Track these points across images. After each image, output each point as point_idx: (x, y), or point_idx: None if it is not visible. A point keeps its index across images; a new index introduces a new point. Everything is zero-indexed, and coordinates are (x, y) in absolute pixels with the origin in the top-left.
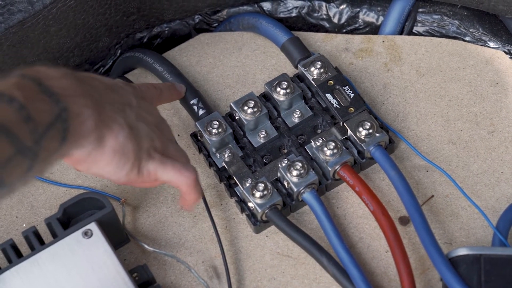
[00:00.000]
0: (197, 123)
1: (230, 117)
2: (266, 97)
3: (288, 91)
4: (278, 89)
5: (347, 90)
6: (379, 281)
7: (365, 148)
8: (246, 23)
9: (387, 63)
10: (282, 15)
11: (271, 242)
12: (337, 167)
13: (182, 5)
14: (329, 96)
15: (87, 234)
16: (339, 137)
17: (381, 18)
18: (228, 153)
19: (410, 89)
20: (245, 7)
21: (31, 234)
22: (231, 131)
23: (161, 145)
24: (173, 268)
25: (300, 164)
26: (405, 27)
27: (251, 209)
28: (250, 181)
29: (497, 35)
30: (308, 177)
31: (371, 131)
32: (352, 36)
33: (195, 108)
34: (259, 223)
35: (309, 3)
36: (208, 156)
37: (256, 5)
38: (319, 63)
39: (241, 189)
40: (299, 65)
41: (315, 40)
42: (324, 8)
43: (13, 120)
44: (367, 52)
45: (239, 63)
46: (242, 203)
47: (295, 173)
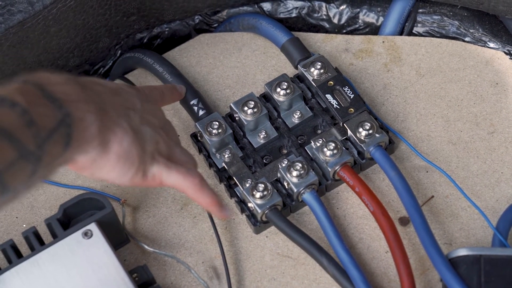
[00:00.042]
0: (197, 123)
1: (230, 118)
2: (266, 98)
3: (288, 91)
4: (278, 89)
5: (347, 90)
6: (379, 281)
7: (365, 148)
8: (246, 24)
9: (387, 63)
10: (282, 16)
11: (271, 242)
12: (337, 167)
13: (182, 6)
14: (329, 96)
15: (87, 234)
16: (339, 138)
17: (381, 18)
18: (228, 153)
19: (410, 90)
20: (245, 8)
21: (31, 234)
22: (231, 131)
23: (166, 148)
24: (173, 268)
25: (300, 164)
26: (405, 28)
27: (251, 209)
28: (250, 182)
29: (497, 36)
30: (308, 177)
31: (371, 131)
32: (352, 36)
33: (195, 108)
34: (259, 224)
35: (309, 3)
36: (208, 156)
37: (256, 6)
38: (319, 63)
39: (241, 189)
40: (299, 66)
41: (315, 40)
42: (324, 8)
43: (15, 124)
44: (367, 52)
45: (239, 64)
46: (242, 204)
47: (295, 173)
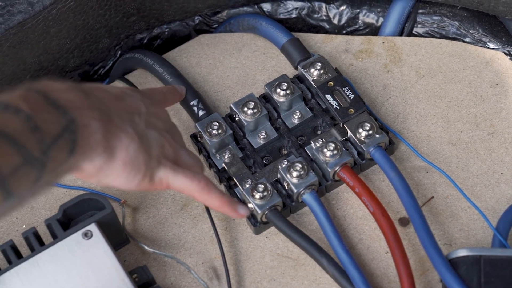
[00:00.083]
0: (197, 124)
1: (230, 118)
2: (266, 98)
3: (288, 92)
4: (278, 90)
5: (347, 91)
6: (379, 282)
7: (365, 149)
8: (246, 24)
9: (387, 64)
10: (282, 16)
11: (271, 243)
12: (337, 168)
13: (182, 6)
14: (329, 97)
15: (87, 235)
16: (339, 138)
17: (381, 19)
18: (228, 154)
19: (410, 90)
20: (245, 8)
21: (31, 235)
22: (231, 132)
23: (172, 151)
24: (173, 269)
25: (300, 165)
26: (405, 28)
27: (251, 210)
28: (250, 182)
29: (497, 36)
30: (308, 178)
31: (371, 132)
32: (352, 37)
33: (195, 109)
34: (259, 224)
35: (309, 4)
36: (208, 157)
37: (256, 6)
38: (319, 64)
39: (241, 190)
40: (299, 66)
41: (315, 41)
42: (324, 9)
43: (20, 130)
44: (367, 53)
45: (239, 64)
46: None
47: (295, 174)
